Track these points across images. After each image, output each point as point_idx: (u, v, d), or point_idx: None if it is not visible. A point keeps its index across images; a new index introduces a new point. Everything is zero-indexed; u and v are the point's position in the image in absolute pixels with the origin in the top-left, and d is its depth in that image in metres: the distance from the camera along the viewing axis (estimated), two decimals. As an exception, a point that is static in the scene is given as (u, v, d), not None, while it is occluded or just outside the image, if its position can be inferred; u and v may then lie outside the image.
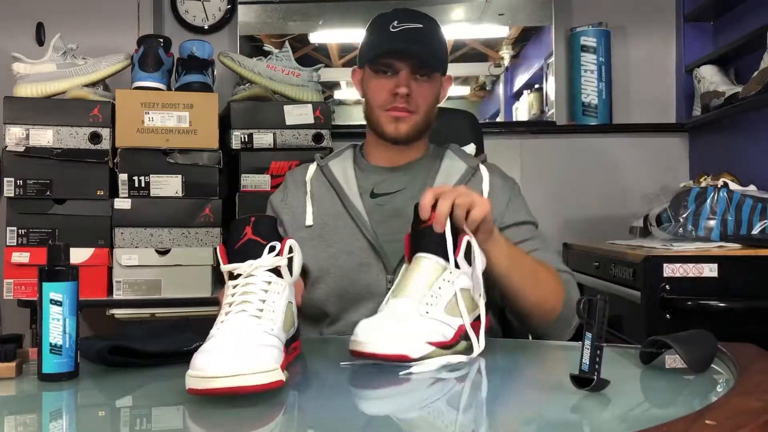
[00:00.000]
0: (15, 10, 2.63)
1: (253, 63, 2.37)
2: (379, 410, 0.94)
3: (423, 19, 1.49)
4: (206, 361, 0.85)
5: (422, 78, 1.47)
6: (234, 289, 0.97)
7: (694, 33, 2.81)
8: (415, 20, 1.47)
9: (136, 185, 2.19)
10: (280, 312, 0.97)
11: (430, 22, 1.51)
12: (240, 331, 0.91)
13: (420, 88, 1.47)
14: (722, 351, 1.02)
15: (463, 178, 1.49)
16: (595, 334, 0.88)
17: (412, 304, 1.05)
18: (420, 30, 1.47)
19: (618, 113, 2.88)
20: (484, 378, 1.06)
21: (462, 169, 1.51)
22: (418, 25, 1.47)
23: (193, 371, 0.86)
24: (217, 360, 0.85)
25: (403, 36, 1.45)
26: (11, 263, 2.13)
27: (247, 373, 0.84)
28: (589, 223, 2.83)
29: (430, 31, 1.49)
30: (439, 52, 1.51)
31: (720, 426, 0.71)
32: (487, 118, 3.58)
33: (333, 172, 1.53)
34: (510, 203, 1.49)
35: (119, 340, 1.07)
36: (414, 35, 1.46)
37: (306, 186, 1.53)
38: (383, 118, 1.48)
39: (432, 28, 1.51)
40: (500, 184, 1.51)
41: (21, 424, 0.86)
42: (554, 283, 1.35)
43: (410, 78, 1.45)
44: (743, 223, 2.03)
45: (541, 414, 0.88)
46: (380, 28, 1.49)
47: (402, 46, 1.45)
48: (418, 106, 1.47)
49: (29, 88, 2.18)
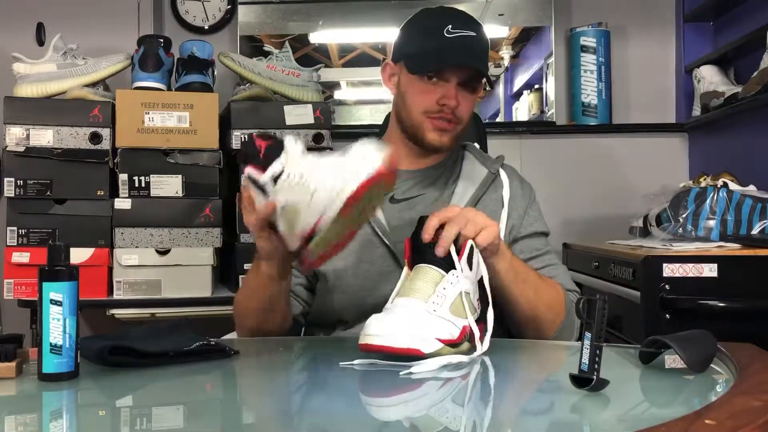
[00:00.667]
0: (15, 10, 2.63)
1: (253, 63, 2.38)
2: (379, 409, 0.94)
3: (475, 25, 1.42)
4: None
5: (469, 89, 1.41)
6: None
7: (694, 33, 2.81)
8: (468, 26, 1.40)
9: (136, 185, 2.19)
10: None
11: (480, 30, 1.44)
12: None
13: (465, 100, 1.41)
14: (722, 351, 1.02)
15: (483, 185, 1.46)
16: (595, 334, 0.88)
17: (420, 303, 1.05)
18: (475, 39, 1.40)
19: (618, 113, 2.88)
20: (483, 378, 1.06)
21: (482, 174, 1.48)
22: (472, 33, 1.39)
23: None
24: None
25: (459, 44, 1.37)
26: (11, 263, 2.14)
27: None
28: (589, 223, 2.83)
29: (481, 40, 1.42)
30: (486, 60, 1.45)
31: (720, 426, 0.71)
32: (487, 118, 3.59)
33: None
34: (527, 213, 1.48)
35: (119, 340, 1.07)
36: (470, 45, 1.38)
37: None
38: (426, 124, 1.41)
39: (483, 35, 1.44)
40: (519, 192, 1.49)
41: (21, 424, 0.86)
42: (555, 302, 1.34)
43: (459, 89, 1.39)
44: (743, 223, 2.03)
45: (541, 414, 0.88)
46: (433, 31, 1.40)
47: (459, 57, 1.38)
48: (462, 118, 1.42)
49: (29, 88, 2.18)
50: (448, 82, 1.37)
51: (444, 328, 1.05)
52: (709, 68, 2.58)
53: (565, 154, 2.88)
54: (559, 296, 1.35)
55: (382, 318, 1.04)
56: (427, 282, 1.08)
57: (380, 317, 1.04)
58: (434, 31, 1.39)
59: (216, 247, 2.24)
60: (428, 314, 1.05)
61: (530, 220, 1.48)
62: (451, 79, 1.37)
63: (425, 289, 1.07)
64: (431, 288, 1.07)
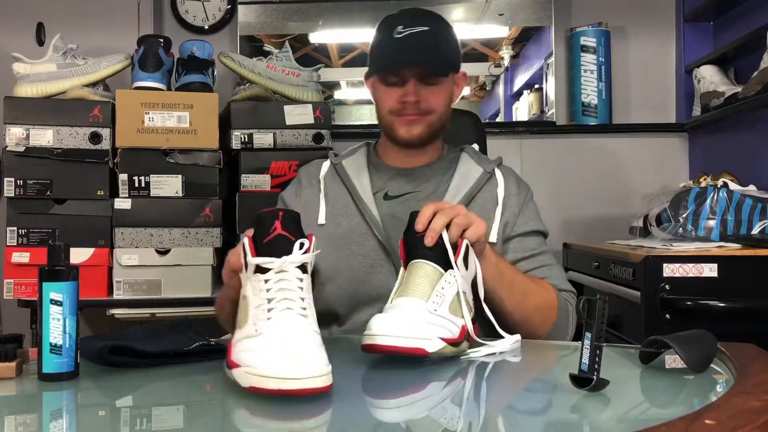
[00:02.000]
0: (15, 10, 2.63)
1: (253, 63, 2.37)
2: (382, 410, 0.94)
3: (430, 20, 1.45)
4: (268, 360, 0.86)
5: (431, 83, 1.44)
6: (266, 284, 0.96)
7: (694, 33, 2.81)
8: (421, 22, 1.43)
9: (136, 185, 2.19)
10: (313, 309, 0.97)
11: (438, 23, 1.46)
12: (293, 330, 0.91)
13: (429, 93, 1.44)
14: (722, 351, 1.02)
15: (477, 183, 1.48)
16: (595, 334, 0.88)
17: (421, 302, 1.05)
18: (426, 33, 1.42)
19: (618, 113, 2.88)
20: (483, 378, 1.06)
21: (477, 173, 1.50)
22: (424, 27, 1.42)
23: (251, 369, 0.86)
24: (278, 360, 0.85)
25: (408, 42, 1.41)
26: (11, 263, 2.13)
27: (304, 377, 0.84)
28: (589, 223, 2.83)
29: (437, 33, 1.44)
30: (448, 54, 1.47)
31: (720, 426, 0.71)
32: (487, 118, 3.59)
33: (347, 171, 1.52)
34: (522, 211, 1.49)
35: (119, 340, 1.07)
36: (420, 41, 1.41)
37: (320, 184, 1.52)
38: (395, 122, 1.47)
39: (440, 28, 1.46)
40: (515, 190, 1.50)
41: (21, 424, 0.86)
42: (545, 304, 1.34)
43: (419, 85, 1.43)
44: (743, 223, 2.03)
45: (541, 414, 0.88)
46: (385, 34, 1.45)
47: (405, 56, 1.42)
48: (430, 109, 1.45)
49: (29, 88, 2.18)
50: (406, 80, 1.43)
51: (445, 327, 1.05)
52: (709, 68, 2.58)
53: (565, 154, 2.88)
54: (550, 298, 1.35)
55: (385, 318, 1.04)
56: (424, 278, 1.08)
57: (383, 317, 1.04)
58: (386, 34, 1.44)
59: (216, 247, 2.24)
60: (430, 314, 1.05)
61: (525, 218, 1.48)
62: (407, 77, 1.42)
63: (423, 286, 1.07)
64: (429, 285, 1.07)
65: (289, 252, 0.97)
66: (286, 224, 1.00)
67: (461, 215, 1.14)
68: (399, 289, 1.10)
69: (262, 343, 0.89)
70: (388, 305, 1.08)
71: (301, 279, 0.97)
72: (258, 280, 0.97)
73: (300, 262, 0.98)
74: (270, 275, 0.96)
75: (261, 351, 0.88)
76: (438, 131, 1.51)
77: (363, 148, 1.59)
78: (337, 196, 1.50)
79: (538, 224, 1.50)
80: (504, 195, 1.48)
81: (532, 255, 1.44)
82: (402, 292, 1.08)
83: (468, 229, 1.15)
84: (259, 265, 0.98)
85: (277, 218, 1.00)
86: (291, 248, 0.98)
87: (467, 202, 1.45)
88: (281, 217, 1.00)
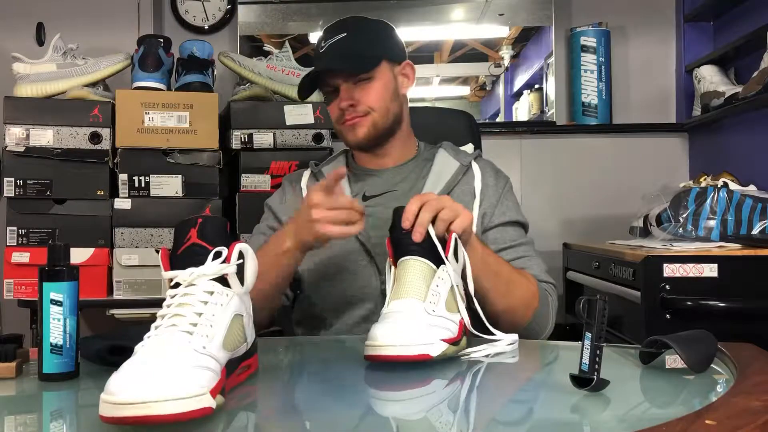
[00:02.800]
0: (15, 10, 2.63)
1: (253, 63, 2.37)
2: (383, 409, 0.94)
3: (346, 26, 1.47)
4: (119, 384, 0.74)
5: (363, 81, 1.45)
6: (171, 299, 0.86)
7: (694, 33, 2.81)
8: (338, 31, 1.46)
9: (136, 185, 2.19)
10: (221, 327, 0.85)
11: (356, 25, 1.49)
12: (164, 350, 0.79)
13: (363, 92, 1.45)
14: (722, 351, 1.02)
15: (454, 177, 1.48)
16: (595, 334, 0.88)
17: (419, 303, 1.05)
18: (343, 39, 1.44)
19: (618, 113, 2.88)
20: (483, 378, 1.06)
21: (454, 167, 1.50)
22: (341, 35, 1.45)
23: (105, 395, 0.74)
24: (131, 384, 0.74)
25: (329, 54, 1.45)
26: (11, 263, 2.14)
27: (161, 400, 0.72)
28: (589, 223, 2.82)
29: (353, 35, 1.46)
30: (368, 50, 1.47)
31: (720, 426, 0.71)
32: (487, 118, 3.59)
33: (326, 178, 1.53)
34: (500, 202, 1.49)
35: (119, 340, 1.07)
36: (338, 49, 1.44)
37: (302, 191, 1.53)
38: (342, 129, 1.49)
39: (356, 29, 1.48)
40: (492, 182, 1.51)
41: (21, 424, 0.86)
42: (527, 295, 1.34)
43: (351, 88, 1.45)
44: (743, 223, 2.03)
45: (541, 414, 0.88)
46: (316, 53, 1.49)
47: (324, 65, 1.45)
48: (370, 107, 1.46)
49: (29, 88, 2.18)
50: (338, 88, 1.46)
51: (444, 327, 1.05)
52: (709, 68, 2.58)
53: (565, 154, 2.88)
54: (531, 287, 1.36)
55: (386, 326, 1.02)
56: (417, 276, 1.07)
57: (385, 326, 1.02)
58: (316, 52, 1.49)
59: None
60: (429, 315, 1.04)
61: (503, 209, 1.48)
62: (337, 84, 1.45)
63: (418, 284, 1.06)
64: (423, 283, 1.07)
65: (203, 263, 0.87)
66: (204, 232, 0.90)
67: (447, 208, 1.14)
68: (394, 289, 1.09)
69: (124, 367, 0.77)
70: (386, 309, 1.07)
71: (211, 293, 0.86)
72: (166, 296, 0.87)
73: (213, 273, 0.87)
74: (178, 290, 0.86)
75: (118, 374, 0.76)
76: (390, 127, 1.50)
77: (341, 155, 1.61)
78: None
79: (517, 215, 1.50)
80: (482, 187, 1.48)
81: (511, 246, 1.44)
82: (398, 293, 1.07)
83: (454, 221, 1.14)
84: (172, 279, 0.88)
85: (194, 226, 0.90)
86: (206, 258, 0.87)
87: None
88: (199, 224, 0.91)
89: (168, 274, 0.88)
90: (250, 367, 0.98)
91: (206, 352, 0.81)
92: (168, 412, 0.72)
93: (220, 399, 0.80)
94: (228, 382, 0.86)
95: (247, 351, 0.95)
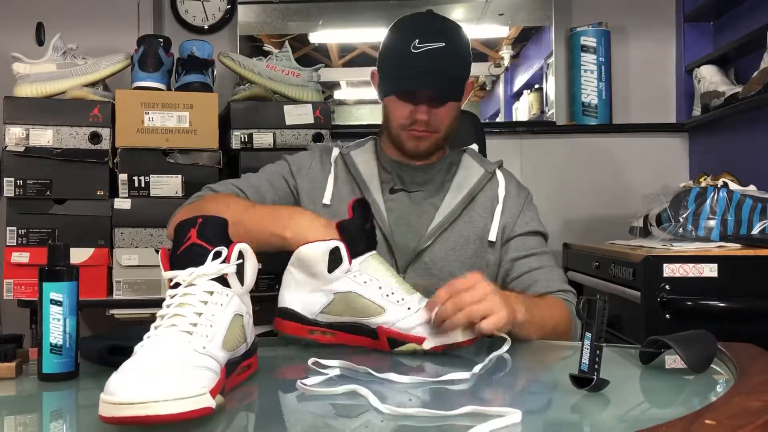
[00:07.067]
0: (15, 10, 2.63)
1: (253, 63, 2.37)
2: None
3: (446, 33, 1.42)
4: (119, 384, 0.74)
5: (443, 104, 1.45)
6: (171, 299, 0.86)
7: (694, 33, 2.81)
8: (438, 37, 1.40)
9: (136, 185, 2.19)
10: (220, 327, 0.85)
11: (453, 37, 1.43)
12: (164, 350, 0.80)
13: (439, 112, 1.45)
14: (722, 351, 1.02)
15: (479, 183, 1.50)
16: (595, 334, 0.88)
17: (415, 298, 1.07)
18: (441, 51, 1.40)
19: (618, 113, 2.88)
20: (483, 377, 1.06)
21: (479, 173, 1.52)
22: (441, 44, 1.40)
23: (105, 395, 0.74)
24: (131, 384, 0.73)
25: (423, 62, 1.39)
26: (11, 263, 2.14)
27: (161, 400, 0.72)
28: (589, 223, 2.83)
29: (452, 51, 1.42)
30: (461, 70, 1.45)
31: (720, 426, 0.71)
32: (487, 118, 3.59)
33: (355, 163, 1.53)
34: (522, 212, 1.51)
35: (119, 340, 1.07)
36: (436, 62, 1.39)
37: (331, 166, 1.52)
38: (403, 135, 1.48)
39: (455, 43, 1.43)
40: (515, 192, 1.53)
41: (21, 424, 0.86)
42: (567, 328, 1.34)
43: (433, 106, 1.44)
44: (743, 223, 2.03)
45: (541, 414, 0.88)
46: (402, 45, 1.42)
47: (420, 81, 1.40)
48: (438, 127, 1.47)
49: (29, 88, 2.18)
50: (419, 100, 1.43)
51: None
52: (710, 68, 2.58)
53: (565, 154, 2.88)
54: (565, 316, 1.36)
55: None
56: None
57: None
58: (402, 47, 1.42)
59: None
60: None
61: (525, 219, 1.51)
62: (421, 97, 1.43)
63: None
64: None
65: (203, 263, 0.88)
66: (205, 232, 0.90)
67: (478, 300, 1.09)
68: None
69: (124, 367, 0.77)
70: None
71: (211, 293, 0.87)
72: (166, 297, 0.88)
73: (213, 273, 0.87)
74: (178, 290, 0.87)
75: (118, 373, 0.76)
76: (443, 144, 1.53)
77: (371, 142, 1.59)
78: (344, 184, 1.51)
79: (539, 225, 1.52)
80: (504, 194, 1.50)
81: (533, 254, 1.46)
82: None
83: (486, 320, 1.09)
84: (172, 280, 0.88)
85: (194, 226, 0.90)
86: (206, 259, 0.88)
87: (469, 201, 1.49)
88: (198, 224, 0.90)
89: (168, 274, 0.89)
90: (250, 367, 0.98)
91: (206, 352, 0.81)
92: (168, 412, 0.72)
93: (220, 399, 0.80)
94: (228, 382, 0.86)
95: (247, 351, 0.95)
